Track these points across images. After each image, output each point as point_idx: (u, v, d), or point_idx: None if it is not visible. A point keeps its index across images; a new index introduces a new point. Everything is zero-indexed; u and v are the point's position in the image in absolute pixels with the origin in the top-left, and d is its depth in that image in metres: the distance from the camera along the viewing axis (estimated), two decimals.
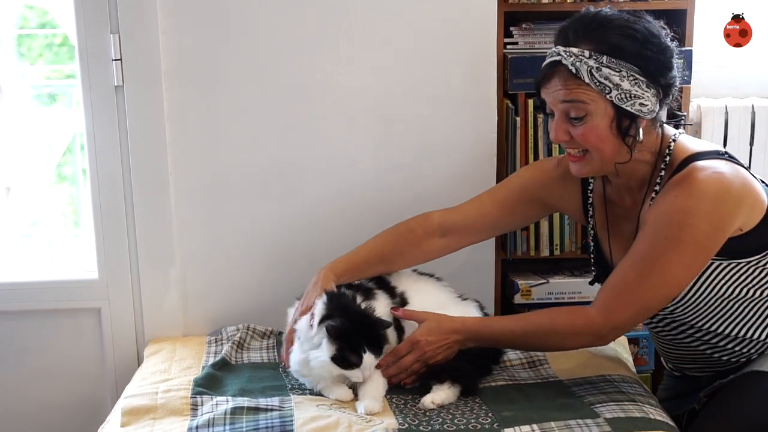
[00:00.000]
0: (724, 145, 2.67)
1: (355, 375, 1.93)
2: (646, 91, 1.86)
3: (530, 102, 2.49)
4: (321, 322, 1.95)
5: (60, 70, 3.01)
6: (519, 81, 2.45)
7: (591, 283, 2.18)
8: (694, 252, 1.83)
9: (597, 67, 1.84)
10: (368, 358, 1.92)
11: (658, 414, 1.89)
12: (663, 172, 1.94)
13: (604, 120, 1.88)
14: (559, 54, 1.88)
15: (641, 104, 1.86)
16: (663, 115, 1.99)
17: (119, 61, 2.33)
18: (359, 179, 2.46)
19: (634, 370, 2.24)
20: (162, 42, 2.32)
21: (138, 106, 2.35)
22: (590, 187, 2.12)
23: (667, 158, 1.94)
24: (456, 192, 2.47)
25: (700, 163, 1.87)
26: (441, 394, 1.94)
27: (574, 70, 1.85)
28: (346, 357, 1.91)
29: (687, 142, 1.98)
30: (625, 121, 1.88)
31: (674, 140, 1.96)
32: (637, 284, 1.86)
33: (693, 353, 2.07)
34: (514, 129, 2.49)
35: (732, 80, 2.87)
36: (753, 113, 2.74)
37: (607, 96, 1.85)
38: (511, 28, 2.49)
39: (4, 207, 2.74)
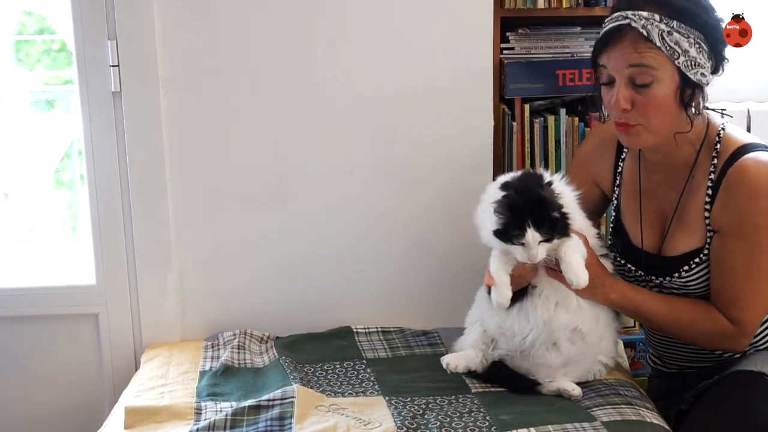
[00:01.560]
0: None
1: (519, 253, 1.87)
2: (707, 62, 1.89)
3: (527, 107, 2.49)
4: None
5: (58, 75, 3.02)
6: (515, 86, 2.46)
7: (609, 249, 2.13)
8: None
9: (668, 31, 1.85)
10: (532, 234, 1.84)
11: (654, 417, 1.90)
12: (715, 161, 1.95)
13: (670, 87, 1.89)
14: (626, 17, 1.87)
15: (702, 74, 1.89)
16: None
17: (117, 67, 2.33)
18: (357, 185, 2.46)
19: (630, 373, 2.25)
20: (159, 48, 2.33)
21: (136, 112, 2.36)
22: (623, 157, 2.13)
23: (718, 146, 1.96)
24: (453, 198, 2.48)
25: (755, 157, 1.90)
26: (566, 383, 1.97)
27: (645, 33, 1.85)
28: (507, 230, 1.86)
29: (734, 132, 2.00)
30: (688, 90, 1.89)
31: (723, 129, 1.98)
32: (754, 294, 1.92)
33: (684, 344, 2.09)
34: (510, 134, 2.50)
35: (728, 84, 2.88)
36: (749, 117, 2.76)
37: (676, 62, 1.86)
38: (508, 34, 2.50)
39: (2, 213, 2.74)
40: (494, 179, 2.48)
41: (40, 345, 2.51)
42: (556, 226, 1.87)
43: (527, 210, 1.86)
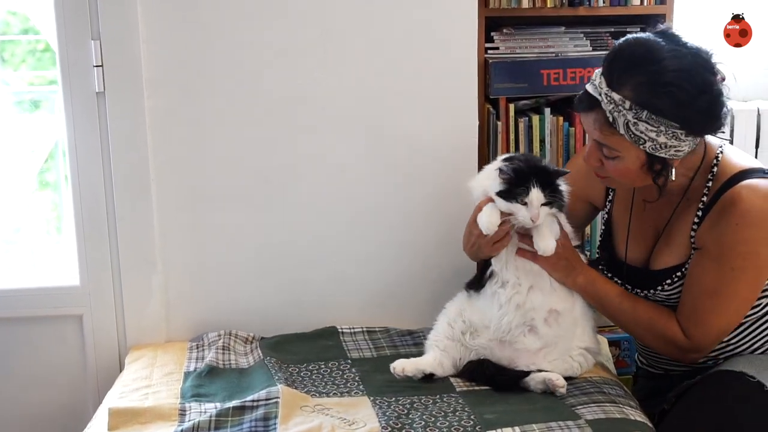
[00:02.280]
0: None
1: (521, 213, 1.91)
2: (686, 140, 1.86)
3: (511, 107, 2.50)
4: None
5: (43, 76, 3.00)
6: (500, 86, 2.47)
7: (593, 263, 2.16)
8: (756, 276, 1.93)
9: (634, 122, 1.83)
10: (536, 194, 1.89)
11: (638, 415, 1.91)
12: (710, 184, 1.95)
13: (636, 163, 1.90)
14: (600, 94, 1.86)
15: (677, 150, 1.87)
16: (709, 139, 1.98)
17: (100, 68, 2.32)
18: (342, 186, 2.46)
19: (615, 372, 2.26)
20: (143, 49, 2.32)
21: (120, 113, 2.35)
22: None
23: (715, 169, 1.96)
24: (439, 197, 2.49)
25: (753, 185, 1.90)
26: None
27: (611, 119, 1.85)
28: (512, 189, 1.90)
29: (733, 155, 1.99)
30: (656, 166, 1.90)
31: (721, 152, 1.97)
32: (712, 314, 1.94)
33: None
34: (495, 133, 2.51)
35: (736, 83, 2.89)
36: (732, 117, 2.77)
37: (641, 146, 1.86)
38: (492, 33, 2.50)
39: None
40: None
41: (24, 346, 2.49)
42: (556, 193, 1.94)
43: (532, 172, 1.93)
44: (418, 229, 2.50)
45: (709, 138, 1.97)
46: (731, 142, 2.75)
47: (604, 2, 2.49)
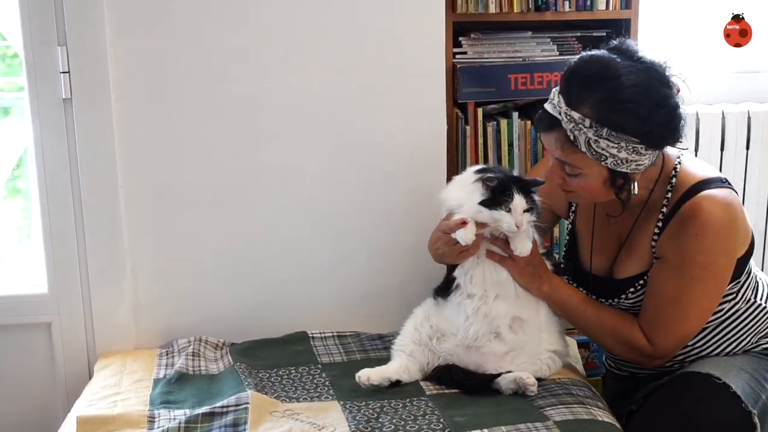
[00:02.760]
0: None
1: (506, 220, 1.93)
2: (646, 154, 1.88)
3: (480, 111, 2.52)
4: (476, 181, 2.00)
5: (14, 82, 2.98)
6: (468, 90, 2.48)
7: (559, 271, 2.18)
8: (716, 284, 1.96)
9: (595, 139, 1.85)
10: (519, 200, 1.93)
11: (606, 416, 1.93)
12: (669, 194, 1.98)
13: (598, 179, 1.92)
14: (560, 113, 1.88)
15: (638, 165, 1.90)
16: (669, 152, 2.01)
17: (67, 74, 2.31)
18: (312, 190, 2.46)
19: (584, 373, 2.28)
20: (110, 54, 2.31)
21: (87, 119, 2.34)
22: None
23: (673, 180, 1.98)
24: (408, 201, 2.49)
25: (711, 195, 1.92)
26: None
27: (572, 137, 1.87)
28: (495, 197, 1.94)
29: (691, 166, 2.01)
30: (619, 180, 1.92)
31: (679, 162, 2.00)
32: (674, 322, 1.97)
33: None
34: (464, 138, 2.52)
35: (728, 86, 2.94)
36: (697, 120, 2.81)
37: (602, 162, 1.88)
38: (460, 38, 2.52)
39: None
40: (448, 182, 2.51)
41: None
42: (533, 201, 1.98)
43: (512, 180, 1.98)
44: (388, 234, 2.51)
45: (667, 149, 1.99)
46: (696, 148, 2.79)
47: (570, 7, 2.51)
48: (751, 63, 2.97)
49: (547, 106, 1.92)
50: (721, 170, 2.82)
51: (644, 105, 1.84)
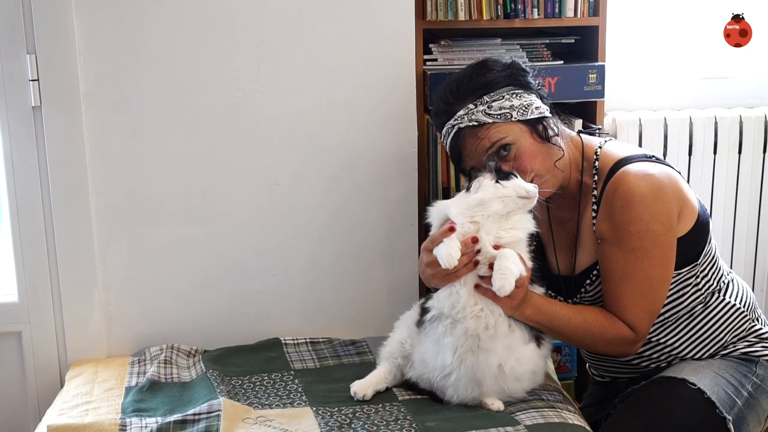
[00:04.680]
0: None
1: (519, 183, 1.90)
2: (530, 97, 2.02)
3: None
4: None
5: None
6: None
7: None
8: (660, 251, 1.96)
9: (487, 107, 1.98)
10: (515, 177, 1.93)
11: (576, 419, 1.95)
12: (596, 178, 2.03)
13: (525, 137, 1.99)
14: (453, 126, 2.01)
15: (536, 108, 2.01)
16: (559, 122, 2.08)
17: (36, 82, 2.30)
18: (283, 197, 2.46)
19: (555, 377, 2.29)
20: (80, 62, 2.30)
21: (56, 127, 2.32)
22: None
23: (596, 164, 2.04)
24: (378, 207, 2.50)
25: (630, 168, 1.97)
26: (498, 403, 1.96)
27: (475, 122, 1.98)
28: (500, 169, 1.94)
29: (613, 148, 2.07)
30: (538, 126, 2.00)
31: (600, 147, 2.06)
32: (635, 297, 1.97)
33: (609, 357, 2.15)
34: (435, 144, 2.53)
35: (645, 94, 2.98)
36: (665, 125, 2.85)
37: (512, 119, 1.97)
38: (431, 45, 2.53)
39: None
40: (419, 188, 2.53)
41: None
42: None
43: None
44: (359, 240, 2.51)
45: (586, 138, 2.10)
46: (665, 153, 2.83)
47: (539, 14, 2.54)
48: (719, 69, 3.01)
49: (445, 138, 2.06)
50: (689, 175, 2.86)
51: (487, 66, 2.05)
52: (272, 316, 2.51)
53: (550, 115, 2.05)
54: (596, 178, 2.03)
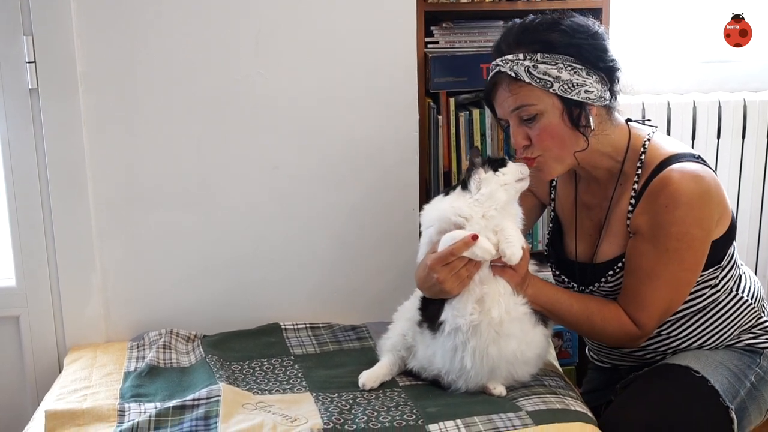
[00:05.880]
0: None
1: (515, 166, 1.93)
2: (588, 78, 1.92)
3: (452, 101, 2.51)
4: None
5: None
6: (440, 80, 2.47)
7: (544, 260, 2.18)
8: (692, 256, 1.94)
9: (533, 65, 1.90)
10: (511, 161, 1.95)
11: (578, 405, 1.93)
12: (640, 171, 1.98)
13: (555, 114, 1.92)
14: (497, 65, 1.94)
15: (586, 91, 1.92)
16: (618, 106, 2.02)
17: (33, 64, 2.28)
18: (281, 183, 2.45)
19: (557, 363, 2.28)
20: (77, 44, 2.28)
21: (54, 110, 2.30)
22: None
23: (643, 156, 1.99)
24: (380, 192, 2.49)
25: (681, 167, 1.92)
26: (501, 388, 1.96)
27: (513, 74, 1.91)
28: (493, 163, 1.93)
29: (662, 142, 2.02)
30: (574, 111, 1.93)
31: (649, 139, 2.01)
32: (654, 296, 1.95)
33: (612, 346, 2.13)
34: (436, 128, 2.51)
35: (649, 77, 2.95)
36: (669, 109, 2.83)
37: (550, 90, 1.90)
38: (432, 28, 2.51)
39: None
40: (420, 173, 2.51)
41: None
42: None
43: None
44: (360, 225, 2.50)
45: (635, 127, 2.03)
46: (668, 133, 2.81)
47: None
48: (722, 53, 2.99)
49: (489, 75, 1.99)
50: None
51: (566, 24, 1.94)
52: (272, 300, 2.50)
53: (604, 105, 1.95)
54: (640, 171, 1.98)
